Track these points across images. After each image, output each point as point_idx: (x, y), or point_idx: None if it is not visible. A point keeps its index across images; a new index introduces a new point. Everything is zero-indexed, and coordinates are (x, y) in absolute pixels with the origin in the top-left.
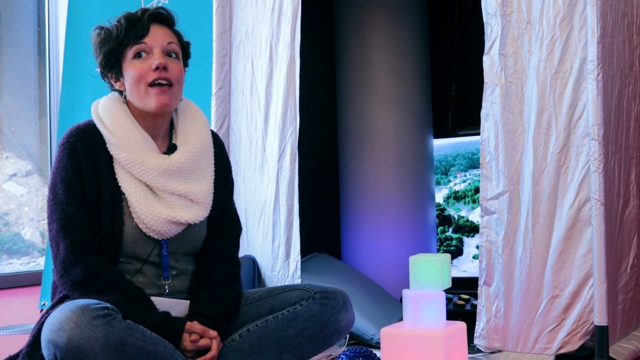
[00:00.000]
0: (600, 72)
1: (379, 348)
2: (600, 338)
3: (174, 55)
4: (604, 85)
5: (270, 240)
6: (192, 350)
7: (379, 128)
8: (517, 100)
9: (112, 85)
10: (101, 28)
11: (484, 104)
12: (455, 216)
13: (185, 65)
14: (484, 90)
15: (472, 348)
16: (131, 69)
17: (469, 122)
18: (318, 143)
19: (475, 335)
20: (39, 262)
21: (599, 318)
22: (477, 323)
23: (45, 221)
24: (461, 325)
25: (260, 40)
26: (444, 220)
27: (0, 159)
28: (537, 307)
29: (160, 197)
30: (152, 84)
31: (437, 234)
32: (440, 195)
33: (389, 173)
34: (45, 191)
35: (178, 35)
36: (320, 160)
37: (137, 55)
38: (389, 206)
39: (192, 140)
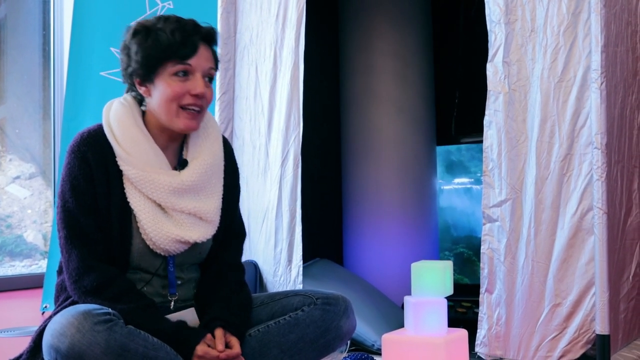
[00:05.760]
0: (603, 80)
1: (380, 354)
2: (601, 347)
3: (210, 79)
4: (607, 94)
5: (273, 245)
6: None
7: (383, 134)
8: (521, 108)
9: (132, 87)
10: (146, 30)
11: (487, 112)
12: None
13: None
14: (487, 98)
15: (473, 356)
16: (168, 85)
17: (472, 130)
18: (321, 148)
19: (476, 342)
20: (41, 265)
21: (601, 327)
22: (478, 330)
23: (48, 224)
24: (462, 333)
25: (265, 46)
26: None
27: (4, 161)
28: (539, 315)
29: (169, 214)
30: (185, 107)
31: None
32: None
33: (392, 179)
34: (48, 194)
35: (215, 55)
36: (323, 166)
37: (178, 73)
38: (391, 212)
39: (204, 155)
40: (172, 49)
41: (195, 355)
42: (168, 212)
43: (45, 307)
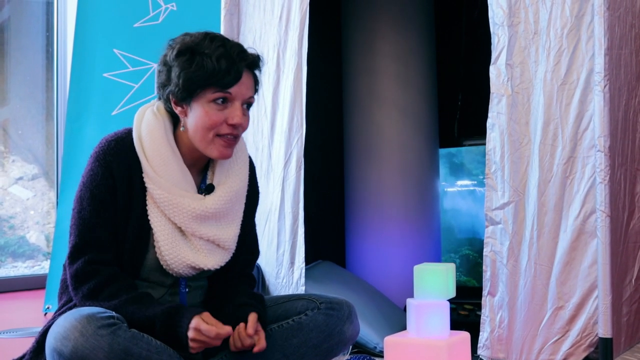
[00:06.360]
0: (607, 83)
1: (382, 357)
2: (604, 350)
3: (248, 106)
4: (610, 96)
5: (275, 247)
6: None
7: (385, 136)
8: (524, 111)
9: (166, 102)
10: (191, 53)
11: (490, 114)
12: None
13: None
14: (490, 100)
15: (475, 358)
16: (205, 113)
17: (475, 132)
18: (324, 150)
19: (479, 345)
20: (44, 266)
21: (604, 330)
22: (481, 333)
23: (51, 225)
24: (465, 335)
25: (268, 48)
26: None
27: (7, 162)
28: (542, 318)
29: (188, 239)
30: (220, 135)
31: None
32: None
33: (394, 181)
34: (51, 195)
35: (257, 81)
36: (326, 168)
37: (217, 100)
38: (394, 214)
39: (230, 181)
40: (216, 76)
41: (190, 329)
42: (187, 236)
43: (48, 307)
